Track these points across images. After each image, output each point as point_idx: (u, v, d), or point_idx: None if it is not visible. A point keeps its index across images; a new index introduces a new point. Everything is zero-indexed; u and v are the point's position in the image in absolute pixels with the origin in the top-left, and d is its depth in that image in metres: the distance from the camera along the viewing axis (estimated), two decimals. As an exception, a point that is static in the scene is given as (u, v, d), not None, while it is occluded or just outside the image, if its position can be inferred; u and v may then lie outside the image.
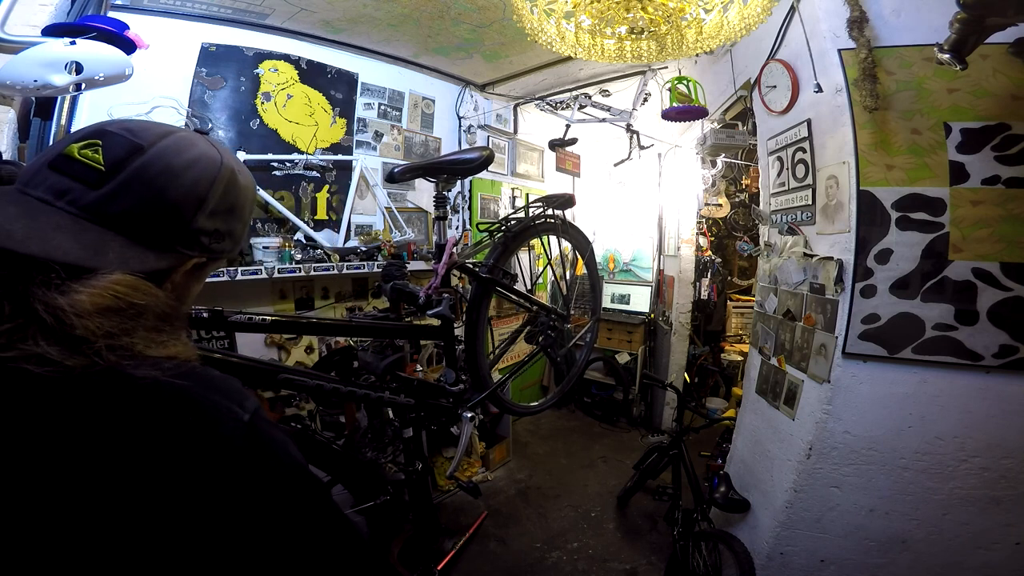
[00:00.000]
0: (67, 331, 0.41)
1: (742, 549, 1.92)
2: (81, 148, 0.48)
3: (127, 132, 0.51)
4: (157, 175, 0.50)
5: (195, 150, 0.54)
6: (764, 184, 2.23)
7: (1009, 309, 1.51)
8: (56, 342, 0.41)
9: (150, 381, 0.44)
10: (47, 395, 0.40)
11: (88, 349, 0.42)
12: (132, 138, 0.50)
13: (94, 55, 1.36)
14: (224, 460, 0.46)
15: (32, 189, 0.48)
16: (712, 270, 4.16)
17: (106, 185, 0.48)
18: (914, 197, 1.59)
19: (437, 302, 1.46)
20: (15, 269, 0.42)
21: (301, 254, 2.44)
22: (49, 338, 0.41)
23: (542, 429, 4.06)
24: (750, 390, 2.25)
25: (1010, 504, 1.57)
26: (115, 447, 0.42)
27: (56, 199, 0.47)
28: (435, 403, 1.59)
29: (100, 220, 0.48)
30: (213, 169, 0.55)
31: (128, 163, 0.49)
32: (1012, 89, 1.48)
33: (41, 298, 0.42)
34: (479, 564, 2.45)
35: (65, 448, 0.40)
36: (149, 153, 0.50)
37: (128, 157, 0.49)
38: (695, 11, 1.29)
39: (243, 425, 0.48)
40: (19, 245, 0.42)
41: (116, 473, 0.41)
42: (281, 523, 0.50)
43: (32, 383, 0.40)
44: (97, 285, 0.44)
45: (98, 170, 0.48)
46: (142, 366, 0.44)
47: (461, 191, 3.43)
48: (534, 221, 1.73)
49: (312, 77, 2.58)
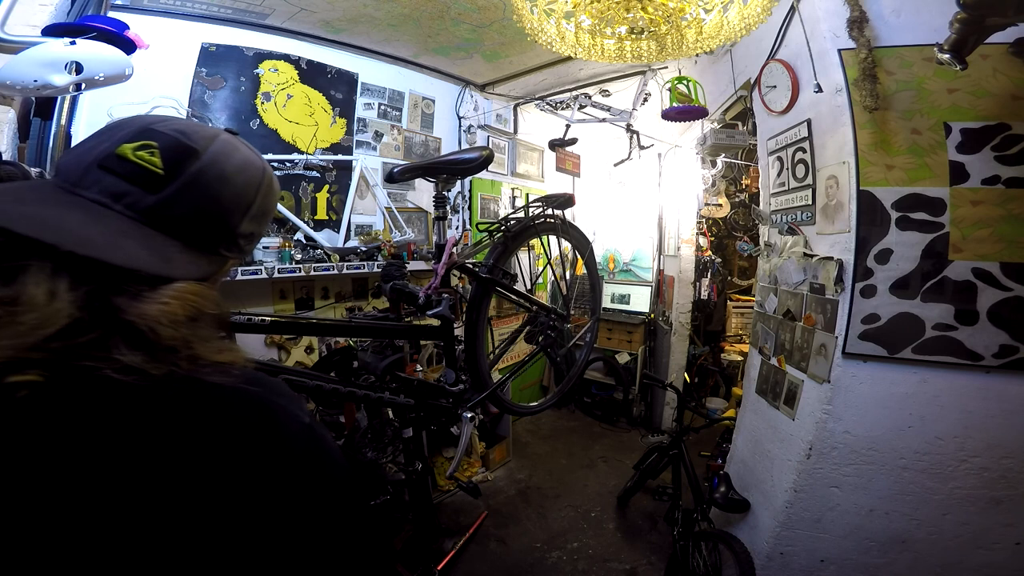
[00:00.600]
0: (154, 340, 0.42)
1: (742, 549, 1.92)
2: (136, 149, 0.47)
3: (180, 134, 0.49)
4: (212, 181, 0.51)
5: (240, 154, 0.55)
6: (764, 184, 2.23)
7: (1009, 309, 1.51)
8: (141, 351, 0.42)
9: (226, 387, 0.46)
10: (135, 403, 0.41)
11: (171, 358, 0.43)
12: (187, 141, 0.49)
13: (94, 55, 1.36)
14: (290, 460, 0.48)
15: (85, 190, 0.46)
16: (712, 270, 4.16)
17: (164, 189, 0.47)
18: (914, 197, 1.59)
19: (437, 302, 1.46)
20: (97, 277, 0.41)
21: (301, 254, 2.44)
22: (135, 347, 0.41)
23: (542, 429, 4.06)
24: (750, 390, 2.25)
25: (1010, 504, 1.57)
26: (202, 451, 0.43)
27: (113, 202, 0.46)
28: (435, 403, 1.58)
29: (159, 225, 0.47)
30: (258, 174, 0.56)
31: (185, 167, 0.49)
32: (1012, 89, 1.48)
33: (127, 308, 0.42)
34: (479, 564, 2.45)
35: (159, 454, 0.41)
36: (204, 158, 0.50)
37: (184, 161, 0.49)
38: (695, 11, 1.29)
39: (305, 427, 0.50)
40: (101, 252, 0.41)
41: (205, 475, 0.43)
42: (329, 520, 0.52)
43: (119, 392, 0.40)
44: (174, 294, 0.45)
45: (156, 174, 0.47)
46: (213, 373, 0.45)
47: (461, 191, 3.43)
48: (534, 221, 1.73)
49: (312, 77, 2.58)
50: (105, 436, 0.40)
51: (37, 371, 0.37)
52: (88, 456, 0.39)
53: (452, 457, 1.81)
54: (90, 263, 0.41)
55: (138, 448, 0.41)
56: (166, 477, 0.41)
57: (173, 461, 0.42)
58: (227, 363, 0.47)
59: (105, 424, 0.40)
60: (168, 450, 0.42)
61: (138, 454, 0.41)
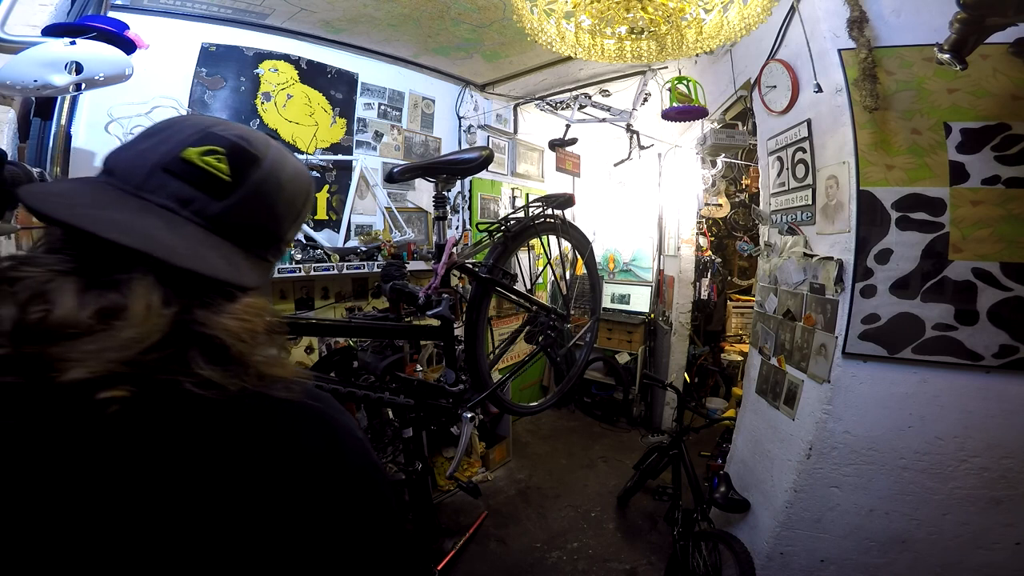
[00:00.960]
0: (232, 354, 0.42)
1: (742, 549, 1.92)
2: (202, 154, 0.46)
3: (242, 140, 0.49)
4: (271, 189, 0.51)
5: (291, 162, 0.54)
6: (764, 184, 2.23)
7: (1009, 309, 1.51)
8: (220, 365, 0.41)
9: (294, 403, 0.46)
10: (217, 419, 0.42)
11: (243, 372, 0.43)
12: (249, 147, 0.49)
13: (94, 55, 1.36)
14: (349, 475, 0.50)
15: (151, 194, 0.44)
16: (712, 270, 4.16)
17: (230, 197, 0.47)
18: (914, 197, 1.58)
19: (437, 302, 1.46)
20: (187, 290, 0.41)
21: (301, 254, 2.44)
22: (214, 361, 0.41)
23: (542, 429, 4.06)
24: (750, 390, 2.24)
25: (1010, 504, 1.57)
26: (279, 466, 0.45)
27: (181, 208, 0.45)
28: (435, 403, 1.59)
29: (224, 232, 0.47)
30: (307, 183, 0.57)
31: (249, 174, 0.48)
32: (1012, 89, 1.48)
33: (209, 321, 0.42)
34: (479, 564, 2.45)
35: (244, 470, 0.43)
36: (264, 165, 0.50)
37: (248, 168, 0.48)
38: (695, 11, 1.29)
39: (359, 442, 0.52)
40: (190, 262, 0.41)
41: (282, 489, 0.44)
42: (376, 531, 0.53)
43: (201, 407, 0.40)
44: (250, 308, 0.45)
45: (223, 180, 0.46)
46: (277, 387, 0.46)
47: (461, 191, 3.43)
48: (534, 221, 1.73)
49: (312, 77, 2.58)
50: (195, 453, 0.41)
51: (126, 386, 0.37)
52: (183, 474, 0.40)
53: (452, 457, 1.81)
54: (179, 273, 0.40)
55: (225, 464, 0.42)
56: (250, 491, 0.42)
57: (256, 476, 0.43)
58: (289, 378, 0.47)
59: (194, 441, 0.41)
60: (251, 466, 0.43)
61: (225, 470, 0.42)
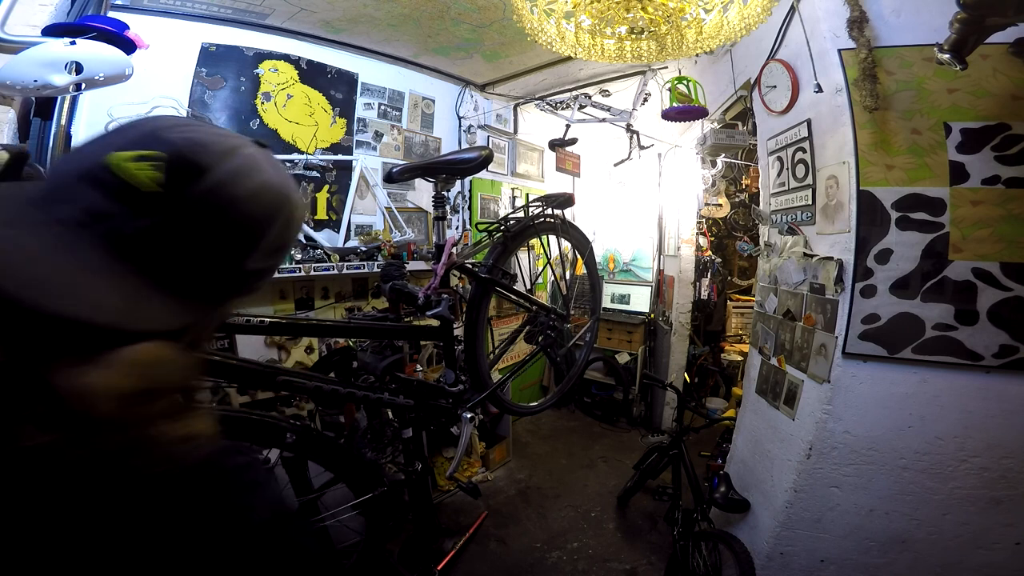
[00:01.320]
0: (84, 419, 0.35)
1: (742, 549, 1.92)
2: (132, 160, 0.37)
3: (190, 144, 0.39)
4: (216, 207, 0.40)
5: (260, 176, 0.44)
6: (764, 184, 2.23)
7: (1009, 309, 1.51)
8: (65, 430, 0.35)
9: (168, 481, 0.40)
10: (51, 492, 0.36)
11: (103, 439, 0.36)
12: (193, 155, 0.39)
13: (94, 55, 1.36)
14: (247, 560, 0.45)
15: (57, 206, 0.36)
16: (712, 270, 4.16)
17: (157, 213, 0.37)
18: (914, 197, 1.58)
19: (436, 302, 1.46)
20: (33, 333, 0.33)
21: (301, 254, 2.44)
22: (58, 425, 0.34)
23: (542, 429, 4.06)
24: (750, 390, 2.24)
25: (1010, 504, 1.57)
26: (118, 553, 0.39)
27: (93, 223, 0.36)
28: (435, 404, 1.59)
29: (138, 257, 0.37)
30: (278, 201, 0.45)
31: (188, 187, 0.38)
32: (1012, 89, 1.47)
33: (63, 379, 0.34)
34: (479, 564, 2.45)
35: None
36: (211, 176, 0.39)
37: (186, 180, 0.38)
38: (695, 11, 1.29)
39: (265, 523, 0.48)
40: (46, 300, 0.32)
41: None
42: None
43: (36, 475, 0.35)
44: (124, 359, 0.36)
45: (150, 192, 0.37)
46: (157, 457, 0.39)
47: (461, 191, 3.42)
48: (533, 221, 1.73)
49: (312, 77, 2.57)
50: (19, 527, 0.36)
51: None
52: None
53: (452, 457, 1.81)
54: (26, 312, 0.31)
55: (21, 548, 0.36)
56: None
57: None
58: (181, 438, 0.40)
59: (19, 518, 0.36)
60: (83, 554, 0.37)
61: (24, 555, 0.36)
